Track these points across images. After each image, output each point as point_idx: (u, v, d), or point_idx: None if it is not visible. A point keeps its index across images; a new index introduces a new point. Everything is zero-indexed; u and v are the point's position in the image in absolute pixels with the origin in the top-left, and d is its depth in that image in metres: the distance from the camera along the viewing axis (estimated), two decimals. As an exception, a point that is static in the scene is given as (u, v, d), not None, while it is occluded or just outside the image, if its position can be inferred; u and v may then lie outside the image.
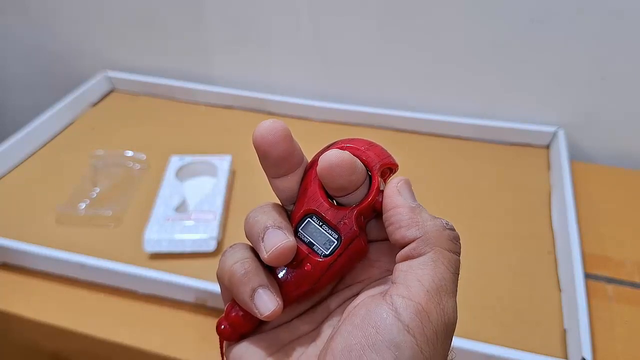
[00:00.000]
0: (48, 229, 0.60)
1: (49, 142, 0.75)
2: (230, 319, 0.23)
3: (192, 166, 0.67)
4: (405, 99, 0.79)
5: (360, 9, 0.73)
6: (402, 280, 0.20)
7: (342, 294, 0.24)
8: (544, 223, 0.60)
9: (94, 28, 0.89)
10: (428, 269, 0.20)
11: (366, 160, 0.23)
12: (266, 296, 0.22)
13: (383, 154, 0.24)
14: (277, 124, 0.22)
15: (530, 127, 0.73)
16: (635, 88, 0.68)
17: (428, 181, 0.67)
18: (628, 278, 0.54)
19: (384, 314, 0.19)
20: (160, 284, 0.51)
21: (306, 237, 0.23)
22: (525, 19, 0.67)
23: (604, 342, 0.47)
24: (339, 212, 0.23)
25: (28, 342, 0.55)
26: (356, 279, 0.24)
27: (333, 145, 0.24)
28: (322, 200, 0.23)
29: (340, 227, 0.23)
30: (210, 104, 0.84)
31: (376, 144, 0.24)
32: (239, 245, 0.24)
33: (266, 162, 0.23)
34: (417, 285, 0.20)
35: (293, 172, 0.24)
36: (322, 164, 0.22)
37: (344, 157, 0.21)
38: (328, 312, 0.24)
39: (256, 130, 0.22)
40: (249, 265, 0.23)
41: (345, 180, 0.22)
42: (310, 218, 0.23)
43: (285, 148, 0.23)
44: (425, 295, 0.20)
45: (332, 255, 0.23)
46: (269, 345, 0.23)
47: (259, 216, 0.23)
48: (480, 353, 0.44)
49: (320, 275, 0.23)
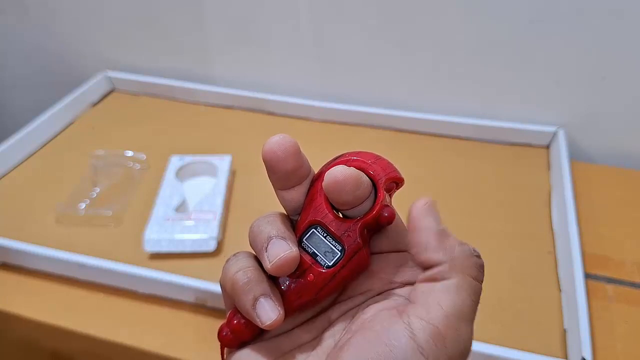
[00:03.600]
0: (48, 229, 0.60)
1: (49, 142, 0.75)
2: (232, 326, 0.24)
3: (192, 166, 0.67)
4: (405, 99, 0.79)
5: (361, 9, 0.73)
6: (422, 301, 0.20)
7: (343, 304, 0.24)
8: (544, 223, 0.60)
9: (94, 28, 0.90)
10: (451, 294, 0.20)
11: (372, 174, 0.23)
12: (268, 305, 0.22)
13: (389, 168, 0.24)
14: (286, 139, 0.22)
15: (530, 127, 0.73)
16: (635, 88, 0.68)
17: (428, 181, 0.67)
18: (628, 278, 0.54)
19: (399, 334, 0.19)
20: (160, 284, 0.51)
21: (310, 248, 0.24)
22: (525, 19, 0.67)
23: (604, 342, 0.47)
24: (343, 224, 0.23)
25: (28, 342, 0.55)
26: (358, 290, 0.24)
27: (340, 158, 0.25)
28: (327, 212, 0.23)
29: (344, 238, 0.23)
30: (210, 104, 0.84)
31: (383, 158, 0.24)
32: (242, 253, 0.24)
33: (274, 176, 0.24)
34: (437, 309, 0.20)
35: (300, 184, 0.24)
36: (327, 179, 0.22)
37: (349, 174, 0.22)
38: (329, 322, 0.24)
39: (265, 144, 0.22)
40: (251, 273, 0.23)
41: (350, 196, 0.22)
42: (315, 229, 0.24)
43: (293, 163, 0.23)
44: (444, 320, 0.20)
45: (335, 266, 0.23)
46: (269, 352, 0.23)
47: (263, 226, 0.23)
48: (480, 353, 0.44)
49: (322, 285, 0.23)
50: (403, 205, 0.25)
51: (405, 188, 0.26)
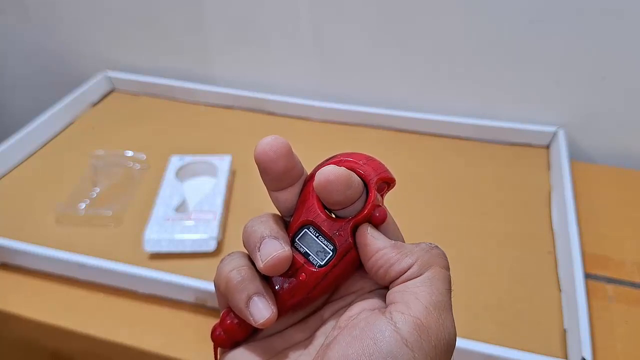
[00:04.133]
0: (48, 229, 0.60)
1: (49, 142, 0.75)
2: (225, 326, 0.24)
3: (192, 166, 0.67)
4: (405, 99, 0.79)
5: (361, 10, 0.73)
6: (400, 299, 0.21)
7: (335, 303, 0.25)
8: (544, 223, 0.60)
9: (94, 28, 0.90)
10: (425, 286, 0.21)
11: (363, 174, 0.23)
12: (261, 304, 0.22)
13: (380, 168, 0.24)
14: (278, 140, 0.23)
15: (530, 127, 0.73)
16: (635, 88, 0.68)
17: (428, 181, 0.67)
18: (628, 278, 0.54)
19: (383, 327, 0.20)
20: (160, 283, 0.51)
21: (302, 248, 0.24)
22: (525, 19, 0.67)
23: (604, 342, 0.47)
24: (335, 224, 0.23)
25: (28, 342, 0.55)
26: (350, 290, 0.25)
27: (332, 159, 0.25)
28: (319, 212, 0.24)
29: (336, 238, 0.23)
30: (210, 104, 0.84)
31: (374, 159, 0.24)
32: (236, 253, 0.25)
33: (267, 177, 0.24)
34: (416, 303, 0.20)
35: (292, 185, 0.24)
36: (318, 179, 0.22)
37: (340, 173, 0.22)
38: (321, 321, 0.25)
39: (257, 146, 0.23)
40: (245, 272, 0.23)
41: (341, 196, 0.22)
42: (307, 229, 0.24)
43: (285, 164, 0.23)
44: (424, 311, 0.20)
45: (327, 265, 0.23)
46: (263, 352, 0.24)
47: (256, 226, 0.24)
48: (479, 353, 0.44)
49: (314, 285, 0.23)
50: (403, 205, 0.25)
51: (405, 188, 0.26)
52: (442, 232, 0.59)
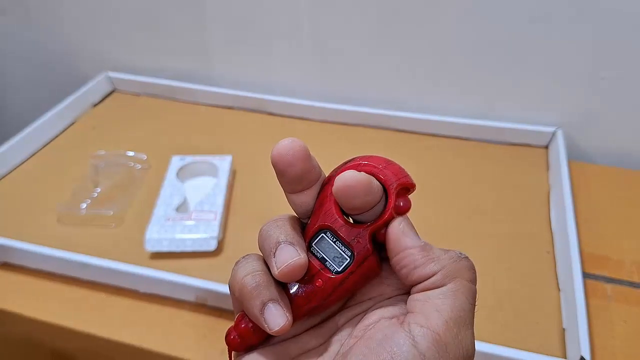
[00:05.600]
0: (49, 229, 0.60)
1: (50, 142, 0.76)
2: (240, 330, 0.24)
3: (192, 166, 0.67)
4: (405, 99, 0.80)
5: (360, 10, 0.73)
6: (420, 309, 0.20)
7: (351, 310, 0.24)
8: (542, 223, 0.61)
9: (95, 28, 0.90)
10: (448, 299, 0.20)
11: (383, 179, 0.23)
12: (276, 311, 0.22)
13: (401, 173, 0.23)
14: (296, 143, 0.22)
15: (529, 128, 0.73)
16: (635, 88, 0.69)
17: (427, 181, 0.67)
18: (627, 277, 0.54)
19: (401, 341, 0.19)
20: (161, 283, 0.51)
21: (319, 253, 0.23)
22: (524, 19, 0.67)
23: (602, 342, 0.47)
24: (353, 230, 0.23)
25: (29, 341, 0.55)
26: (367, 296, 0.24)
27: (350, 162, 0.24)
28: (337, 217, 0.23)
29: (354, 244, 0.23)
30: (210, 105, 0.84)
31: (394, 163, 0.24)
32: (252, 256, 0.24)
33: (284, 180, 0.23)
34: (436, 316, 0.20)
35: (310, 188, 0.24)
36: (337, 184, 0.21)
37: (360, 179, 0.21)
38: (336, 328, 0.24)
39: (275, 148, 0.22)
40: (260, 278, 0.22)
41: (361, 201, 0.22)
42: (324, 233, 0.23)
43: (302, 167, 0.23)
44: (444, 326, 0.20)
45: (344, 272, 0.23)
46: (277, 357, 0.23)
47: (272, 230, 0.23)
48: (479, 352, 0.44)
49: (331, 291, 0.23)
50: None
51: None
52: (441, 232, 0.59)
